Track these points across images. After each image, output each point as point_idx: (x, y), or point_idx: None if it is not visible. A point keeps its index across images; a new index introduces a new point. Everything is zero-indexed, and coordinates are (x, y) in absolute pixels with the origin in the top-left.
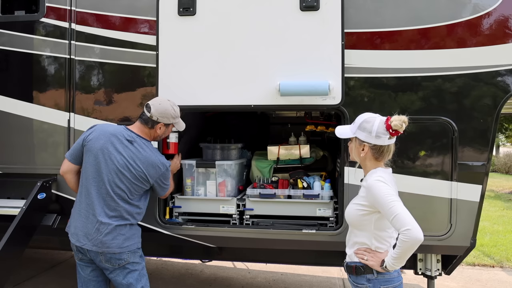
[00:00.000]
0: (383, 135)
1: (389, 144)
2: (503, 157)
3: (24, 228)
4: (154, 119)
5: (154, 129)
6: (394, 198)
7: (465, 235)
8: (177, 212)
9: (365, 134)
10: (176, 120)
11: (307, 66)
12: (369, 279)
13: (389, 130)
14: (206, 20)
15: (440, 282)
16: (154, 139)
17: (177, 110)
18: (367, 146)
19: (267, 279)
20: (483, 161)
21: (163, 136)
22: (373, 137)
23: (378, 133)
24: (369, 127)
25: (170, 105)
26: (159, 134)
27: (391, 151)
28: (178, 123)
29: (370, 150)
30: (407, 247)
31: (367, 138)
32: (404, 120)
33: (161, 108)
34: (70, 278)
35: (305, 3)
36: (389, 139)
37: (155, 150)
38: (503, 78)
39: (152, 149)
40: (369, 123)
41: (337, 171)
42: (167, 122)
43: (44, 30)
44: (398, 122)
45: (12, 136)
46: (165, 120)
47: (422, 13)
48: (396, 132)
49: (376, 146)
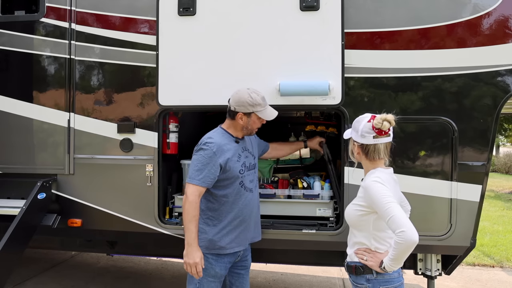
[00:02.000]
0: (367, 134)
1: (375, 143)
2: (503, 157)
3: (24, 228)
4: (232, 109)
5: (236, 120)
6: (390, 200)
7: (465, 235)
8: (176, 212)
9: (355, 134)
10: (258, 108)
11: (307, 66)
12: (369, 279)
13: (374, 129)
14: (206, 20)
15: (440, 282)
16: (247, 131)
17: (255, 98)
18: (356, 145)
19: (267, 279)
20: (483, 161)
21: (252, 127)
22: (359, 136)
23: (363, 132)
24: (357, 126)
25: (247, 93)
26: (242, 124)
27: (380, 150)
28: (261, 112)
29: (359, 149)
30: (403, 249)
31: (356, 137)
32: (385, 118)
33: (237, 97)
34: (70, 278)
35: (305, 3)
36: (374, 138)
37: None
38: (503, 78)
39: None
40: (358, 123)
41: (331, 171)
42: (245, 111)
43: (44, 30)
44: (378, 121)
45: (12, 136)
46: (242, 109)
47: (422, 13)
48: (379, 131)
49: (363, 145)
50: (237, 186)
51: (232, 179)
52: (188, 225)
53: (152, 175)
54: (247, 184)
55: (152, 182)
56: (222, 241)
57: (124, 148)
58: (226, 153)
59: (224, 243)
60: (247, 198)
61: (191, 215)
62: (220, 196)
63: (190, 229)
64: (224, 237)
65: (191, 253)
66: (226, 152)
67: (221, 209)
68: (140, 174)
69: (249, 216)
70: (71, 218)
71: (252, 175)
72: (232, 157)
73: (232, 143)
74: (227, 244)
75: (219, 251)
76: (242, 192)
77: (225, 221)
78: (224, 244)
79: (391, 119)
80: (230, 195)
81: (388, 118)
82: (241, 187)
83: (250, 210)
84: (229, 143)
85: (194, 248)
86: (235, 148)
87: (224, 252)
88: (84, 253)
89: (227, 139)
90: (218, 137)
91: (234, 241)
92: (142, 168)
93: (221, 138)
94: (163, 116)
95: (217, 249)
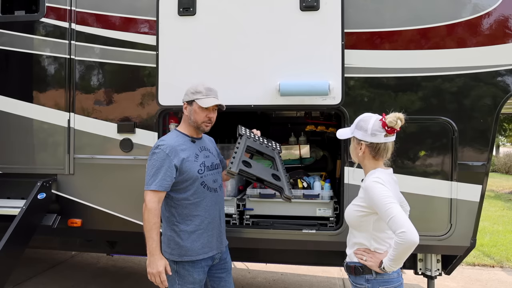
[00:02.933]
0: (379, 132)
1: (385, 142)
2: (503, 157)
3: (24, 228)
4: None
5: (184, 113)
6: (391, 200)
7: (465, 235)
8: None
9: (361, 133)
10: (198, 96)
11: (307, 66)
12: (368, 280)
13: (385, 127)
14: (206, 20)
15: (440, 282)
16: (195, 125)
17: (197, 86)
18: (364, 145)
19: (267, 279)
20: (483, 161)
21: (195, 118)
22: (369, 135)
23: (374, 130)
24: (365, 126)
25: (194, 83)
26: (187, 114)
27: (389, 149)
28: (201, 99)
29: (367, 148)
30: (403, 250)
31: (364, 136)
32: (399, 117)
33: (186, 88)
34: (70, 278)
35: (305, 3)
36: (385, 136)
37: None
38: (503, 78)
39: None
40: (365, 122)
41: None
42: (187, 99)
43: (44, 30)
44: (392, 119)
45: (12, 136)
46: (185, 98)
47: (422, 13)
48: (391, 130)
49: (373, 144)
50: (198, 187)
51: (190, 180)
52: (149, 234)
53: None
54: (210, 184)
55: None
56: (194, 247)
57: (124, 148)
58: (180, 153)
59: (197, 248)
60: (213, 198)
61: (151, 222)
62: (181, 199)
63: (151, 238)
64: (195, 242)
65: (154, 262)
66: (180, 152)
67: (185, 213)
68: (140, 174)
69: (218, 216)
70: (71, 218)
71: (215, 175)
72: (188, 157)
73: (187, 143)
74: (199, 249)
75: (192, 257)
76: (206, 193)
77: (193, 225)
78: (197, 249)
79: (403, 117)
80: (192, 197)
81: (401, 117)
82: (203, 187)
83: (218, 211)
84: (184, 143)
85: (157, 257)
86: (191, 148)
87: (198, 258)
88: (84, 253)
89: (182, 139)
90: (171, 139)
91: (206, 246)
92: (142, 168)
93: (174, 140)
94: (163, 116)
95: (190, 255)
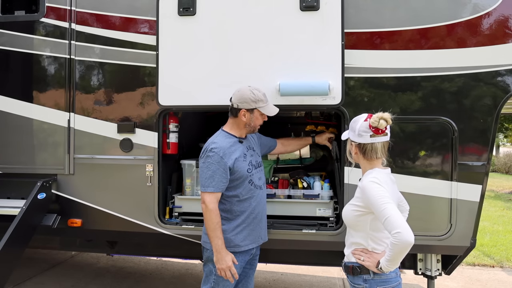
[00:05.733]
0: (365, 133)
1: (372, 142)
2: (503, 157)
3: (24, 228)
4: (235, 107)
5: (239, 117)
6: (387, 200)
7: (465, 235)
8: (176, 212)
9: (352, 133)
10: (260, 104)
11: (307, 66)
12: (366, 280)
13: (370, 128)
14: (206, 20)
15: (440, 282)
16: (250, 128)
17: (257, 94)
18: (353, 145)
19: (267, 279)
20: (483, 161)
21: (255, 124)
22: (357, 136)
23: (360, 131)
24: (354, 126)
25: (250, 90)
26: (245, 121)
27: (377, 150)
28: (263, 107)
29: (356, 148)
30: (398, 250)
31: (353, 136)
32: (381, 117)
33: (239, 94)
34: (70, 278)
35: (305, 3)
36: (371, 137)
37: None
38: (503, 78)
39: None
40: (355, 122)
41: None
42: (247, 107)
43: (44, 30)
44: (374, 119)
45: (12, 136)
46: (245, 106)
47: (422, 13)
48: (376, 130)
49: (360, 144)
50: (247, 185)
51: (241, 179)
52: (214, 233)
53: (152, 175)
54: (256, 182)
55: (152, 182)
56: (236, 239)
57: (124, 148)
58: (232, 154)
59: (239, 241)
60: (259, 196)
61: (215, 222)
62: (231, 196)
63: (216, 236)
64: (238, 235)
65: (222, 259)
66: (232, 153)
67: (233, 209)
68: (140, 174)
69: (261, 213)
70: (71, 218)
71: (260, 173)
72: (239, 157)
73: (236, 144)
74: (241, 242)
75: (234, 249)
76: (253, 191)
77: (239, 220)
78: (239, 242)
79: (388, 117)
80: (241, 195)
81: (384, 117)
82: (251, 185)
83: (262, 207)
84: (233, 145)
85: (223, 253)
86: (240, 148)
87: (239, 249)
88: (84, 253)
89: (231, 140)
90: (222, 141)
91: (247, 238)
92: (142, 168)
93: (225, 141)
94: (163, 116)
95: (233, 247)
